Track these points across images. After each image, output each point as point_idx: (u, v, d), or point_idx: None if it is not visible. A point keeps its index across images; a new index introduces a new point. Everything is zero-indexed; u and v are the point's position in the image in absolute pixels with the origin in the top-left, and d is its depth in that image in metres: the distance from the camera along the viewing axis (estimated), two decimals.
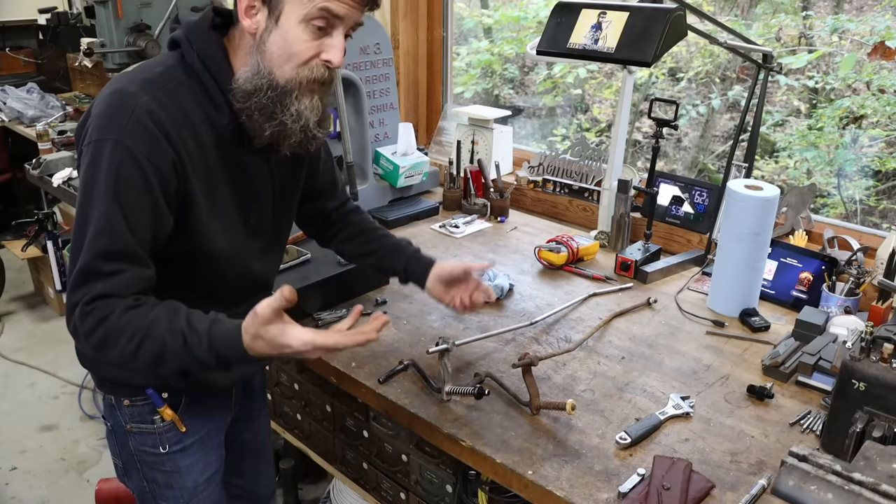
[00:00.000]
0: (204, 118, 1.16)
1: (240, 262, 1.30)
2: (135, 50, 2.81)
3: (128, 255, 1.10)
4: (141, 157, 1.08)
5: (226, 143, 1.20)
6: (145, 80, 1.13)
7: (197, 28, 1.17)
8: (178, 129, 1.12)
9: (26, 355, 3.52)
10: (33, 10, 3.99)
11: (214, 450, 1.45)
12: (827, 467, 1.07)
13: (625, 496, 1.14)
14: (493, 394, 1.40)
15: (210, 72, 1.15)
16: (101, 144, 1.09)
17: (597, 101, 3.60)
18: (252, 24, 1.13)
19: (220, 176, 1.21)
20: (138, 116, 1.08)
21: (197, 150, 1.15)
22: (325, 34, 1.12)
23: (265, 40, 1.12)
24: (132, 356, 1.09)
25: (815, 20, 2.90)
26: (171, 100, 1.13)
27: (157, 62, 1.19)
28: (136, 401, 1.32)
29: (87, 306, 1.08)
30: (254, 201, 1.28)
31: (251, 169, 1.26)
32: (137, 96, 1.10)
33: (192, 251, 1.21)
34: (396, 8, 2.66)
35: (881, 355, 1.16)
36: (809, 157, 2.83)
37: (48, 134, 3.30)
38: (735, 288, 1.71)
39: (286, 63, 1.12)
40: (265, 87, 1.13)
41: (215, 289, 1.28)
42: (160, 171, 1.10)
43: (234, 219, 1.25)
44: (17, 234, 3.85)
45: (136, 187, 1.09)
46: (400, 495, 1.67)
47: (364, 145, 2.34)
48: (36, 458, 2.84)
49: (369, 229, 1.57)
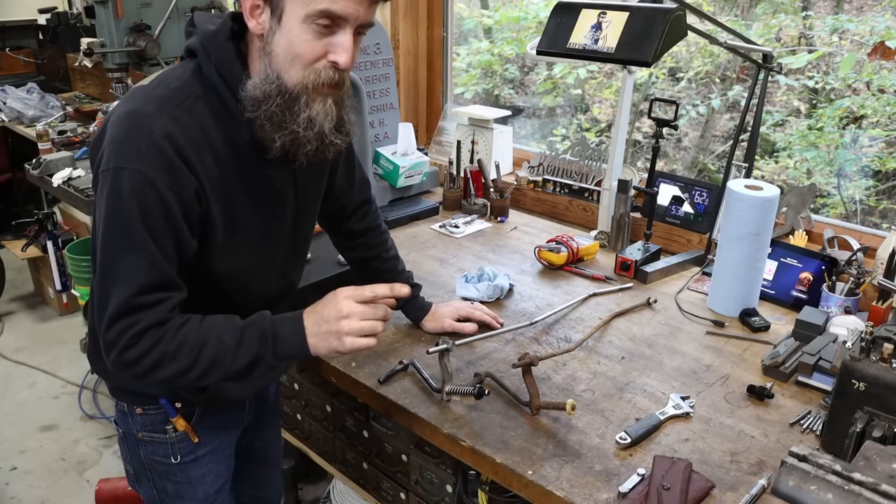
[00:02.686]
0: (223, 134, 1.13)
1: (260, 275, 1.28)
2: (135, 50, 2.81)
3: (168, 283, 1.10)
4: (161, 186, 1.06)
5: (245, 157, 1.16)
6: (162, 97, 1.09)
7: (214, 38, 1.12)
8: (197, 151, 1.09)
9: (26, 355, 3.52)
10: (33, 10, 3.99)
11: (226, 460, 1.44)
12: (827, 467, 1.07)
13: (625, 496, 1.14)
14: (493, 394, 1.40)
15: (228, 85, 1.12)
16: (120, 174, 1.05)
17: (597, 101, 3.60)
18: (258, 25, 1.09)
19: (239, 193, 1.17)
20: (156, 142, 1.05)
21: (216, 170, 1.12)
22: (331, 33, 1.07)
23: (270, 41, 1.08)
24: (189, 369, 1.10)
25: (815, 20, 2.90)
26: (190, 117, 1.09)
27: (175, 75, 1.14)
28: (149, 410, 1.31)
29: (135, 338, 1.07)
30: (275, 214, 1.25)
31: (274, 182, 1.22)
32: (154, 118, 1.06)
33: (210, 270, 1.19)
34: (396, 8, 2.66)
35: (881, 355, 1.16)
36: (809, 157, 2.83)
37: (48, 134, 3.30)
38: (735, 288, 1.71)
39: (292, 66, 1.08)
40: (274, 94, 1.09)
41: (237, 300, 1.25)
42: (182, 199, 1.08)
43: (253, 235, 1.23)
44: (17, 234, 3.86)
45: (159, 217, 1.07)
46: (400, 495, 1.67)
47: (364, 145, 2.34)
48: (36, 458, 2.84)
49: (381, 258, 1.60)
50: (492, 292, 1.76)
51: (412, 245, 2.12)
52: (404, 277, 1.62)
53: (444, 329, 1.59)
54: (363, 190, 1.57)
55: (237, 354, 1.12)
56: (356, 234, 1.59)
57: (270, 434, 1.65)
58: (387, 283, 1.58)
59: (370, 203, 1.59)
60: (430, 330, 1.61)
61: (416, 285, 1.63)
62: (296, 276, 1.43)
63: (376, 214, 1.61)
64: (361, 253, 1.60)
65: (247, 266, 1.24)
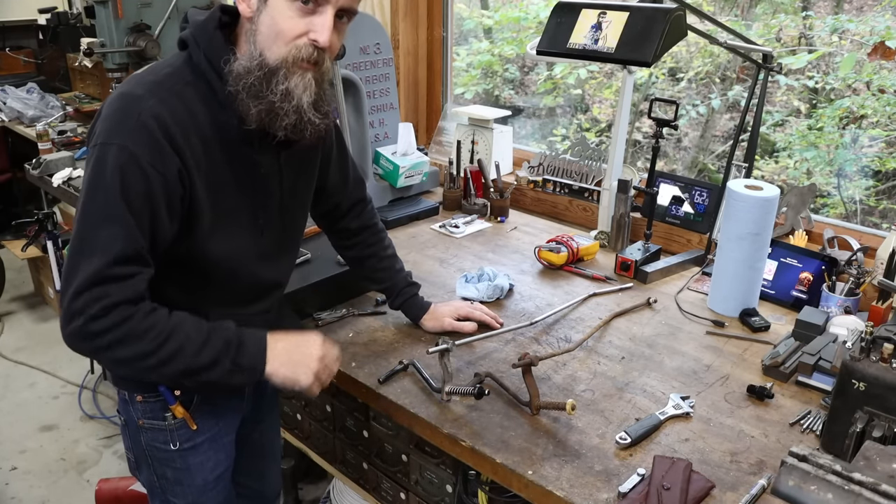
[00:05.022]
0: (211, 119, 1.17)
1: (247, 264, 1.30)
2: (135, 50, 2.81)
3: (141, 257, 1.12)
4: (145, 163, 1.09)
5: (233, 143, 1.20)
6: (153, 81, 1.14)
7: (204, 27, 1.17)
8: (184, 133, 1.13)
9: (26, 355, 3.52)
10: (33, 10, 3.99)
11: (225, 448, 1.45)
12: (827, 467, 1.07)
13: (625, 496, 1.14)
14: (493, 394, 1.40)
15: (216, 71, 1.16)
16: (107, 148, 1.09)
17: (597, 101, 3.60)
18: (247, 8, 1.14)
19: (227, 178, 1.21)
20: (144, 121, 1.09)
21: (203, 153, 1.16)
22: (312, 13, 1.12)
23: (256, 21, 1.13)
24: (149, 355, 1.12)
25: (815, 20, 2.90)
26: (178, 101, 1.13)
27: (167, 63, 1.19)
28: (149, 397, 1.33)
29: (105, 311, 1.09)
30: (263, 201, 1.28)
31: (261, 168, 1.25)
32: (144, 100, 1.11)
33: (198, 254, 1.21)
34: (396, 8, 2.66)
35: (881, 355, 1.16)
36: (809, 157, 2.83)
37: (48, 134, 3.30)
38: (735, 288, 1.71)
39: (274, 42, 1.13)
40: (255, 69, 1.13)
41: (224, 289, 1.29)
42: (164, 178, 1.11)
43: (241, 221, 1.26)
44: (17, 234, 3.86)
45: (139, 193, 1.10)
46: (400, 495, 1.67)
47: (364, 145, 2.34)
48: (36, 458, 2.84)
49: (378, 256, 1.62)
50: (492, 292, 1.76)
51: (412, 245, 2.12)
52: (402, 276, 1.63)
53: (444, 328, 1.60)
54: (358, 189, 1.61)
55: (201, 351, 1.15)
56: (352, 233, 1.61)
57: (268, 426, 1.67)
58: (385, 281, 1.62)
59: (366, 202, 1.63)
60: (430, 329, 1.61)
61: (414, 284, 1.64)
62: (285, 272, 1.45)
63: (372, 213, 1.64)
64: (358, 252, 1.63)
65: (235, 251, 1.26)
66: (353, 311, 1.71)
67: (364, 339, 1.61)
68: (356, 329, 1.65)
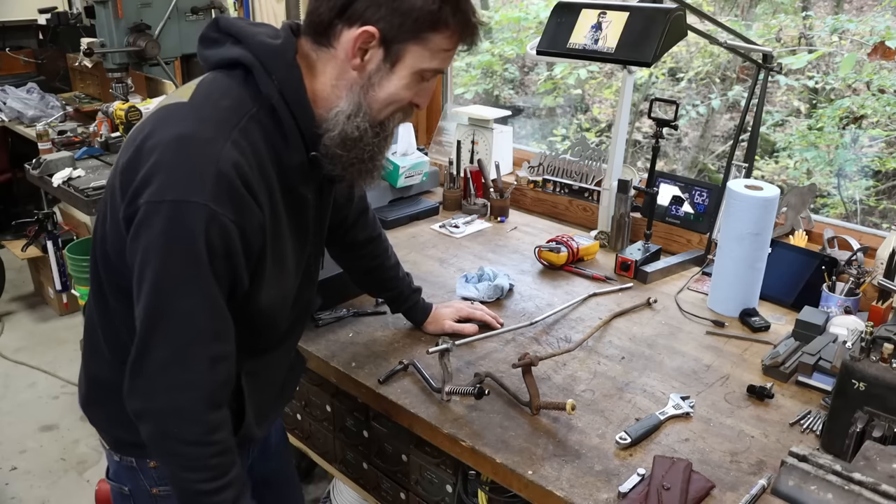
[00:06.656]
0: (273, 157, 1.05)
1: (285, 308, 1.22)
2: (135, 50, 2.81)
3: (231, 331, 1.04)
4: (228, 222, 0.97)
5: (288, 180, 1.10)
6: (218, 120, 1.00)
7: (279, 55, 1.05)
8: (258, 178, 1.02)
9: (26, 355, 3.52)
10: (33, 10, 3.99)
11: None
12: (827, 467, 1.07)
13: (625, 496, 1.14)
14: (493, 394, 1.40)
15: (290, 108, 1.05)
16: (182, 208, 0.94)
17: (597, 101, 3.61)
18: (359, 63, 1.05)
19: (283, 220, 1.11)
20: (224, 172, 0.96)
21: (269, 198, 1.05)
22: (425, 80, 1.11)
23: (374, 83, 1.06)
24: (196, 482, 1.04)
25: (815, 20, 2.90)
26: (247, 141, 1.01)
27: (219, 91, 1.04)
28: None
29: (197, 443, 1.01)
30: (304, 238, 1.20)
31: (307, 203, 1.18)
32: (216, 144, 0.97)
33: (242, 305, 1.09)
34: None
35: (881, 355, 1.16)
36: (809, 157, 2.83)
37: (48, 134, 3.29)
38: (735, 288, 1.71)
39: (387, 107, 1.09)
40: (370, 133, 1.08)
41: (259, 336, 1.19)
42: (246, 235, 1.01)
43: (288, 265, 1.17)
44: (17, 234, 3.85)
45: (221, 256, 0.98)
46: (400, 495, 1.67)
47: None
48: (36, 458, 2.84)
49: (383, 266, 1.58)
50: (492, 292, 1.76)
51: (412, 245, 2.12)
52: (407, 283, 1.61)
53: (445, 331, 1.59)
54: (362, 199, 1.55)
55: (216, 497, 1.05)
56: (359, 245, 1.55)
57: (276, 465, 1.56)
58: (391, 290, 1.60)
59: (368, 211, 1.57)
60: (431, 332, 1.61)
61: (417, 289, 1.63)
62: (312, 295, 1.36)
63: (375, 222, 1.58)
64: (365, 263, 1.58)
65: (279, 297, 1.17)
66: (353, 311, 1.71)
67: (364, 339, 1.61)
68: (356, 329, 1.65)
